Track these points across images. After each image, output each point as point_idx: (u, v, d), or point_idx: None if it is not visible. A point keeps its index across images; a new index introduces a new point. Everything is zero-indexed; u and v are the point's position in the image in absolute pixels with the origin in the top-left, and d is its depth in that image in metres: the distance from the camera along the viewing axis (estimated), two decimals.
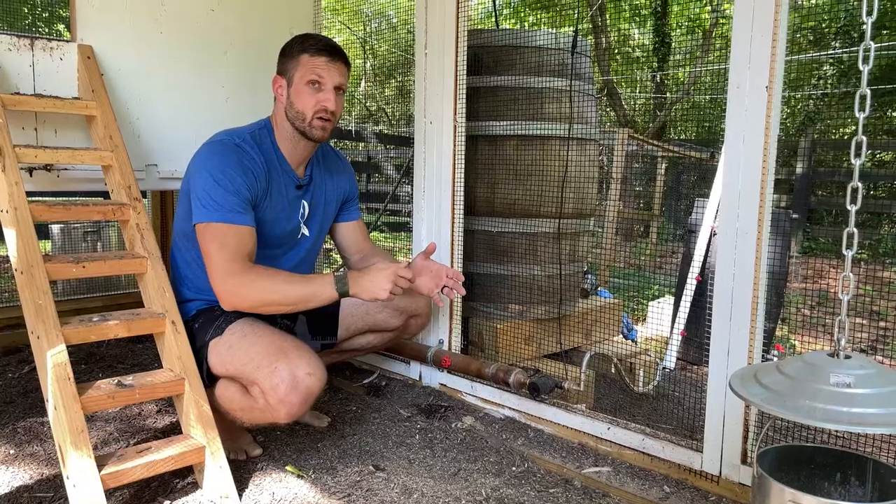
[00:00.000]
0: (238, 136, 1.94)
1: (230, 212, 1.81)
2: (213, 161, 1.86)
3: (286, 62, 1.95)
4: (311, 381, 1.73)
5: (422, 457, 1.99)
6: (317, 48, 1.92)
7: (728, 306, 1.74)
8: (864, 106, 1.14)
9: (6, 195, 1.79)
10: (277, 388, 1.70)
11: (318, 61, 1.91)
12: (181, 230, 2.00)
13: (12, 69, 2.10)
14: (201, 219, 1.82)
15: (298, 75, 1.91)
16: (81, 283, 3.69)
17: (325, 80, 1.91)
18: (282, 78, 1.96)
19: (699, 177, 7.07)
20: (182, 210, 1.97)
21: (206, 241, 1.81)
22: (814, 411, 1.06)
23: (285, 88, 1.95)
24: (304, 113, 1.92)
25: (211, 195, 1.81)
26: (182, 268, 2.02)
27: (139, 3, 2.36)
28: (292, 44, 1.96)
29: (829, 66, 8.99)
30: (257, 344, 1.79)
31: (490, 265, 2.63)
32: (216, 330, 1.88)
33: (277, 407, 1.72)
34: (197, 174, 1.86)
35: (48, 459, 1.93)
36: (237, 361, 1.80)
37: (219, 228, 1.80)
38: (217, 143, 1.91)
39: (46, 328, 1.64)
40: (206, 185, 1.82)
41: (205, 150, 1.91)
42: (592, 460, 1.99)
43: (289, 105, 1.94)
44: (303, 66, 1.91)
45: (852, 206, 1.16)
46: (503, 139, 2.56)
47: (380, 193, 8.89)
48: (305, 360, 1.74)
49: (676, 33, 10.52)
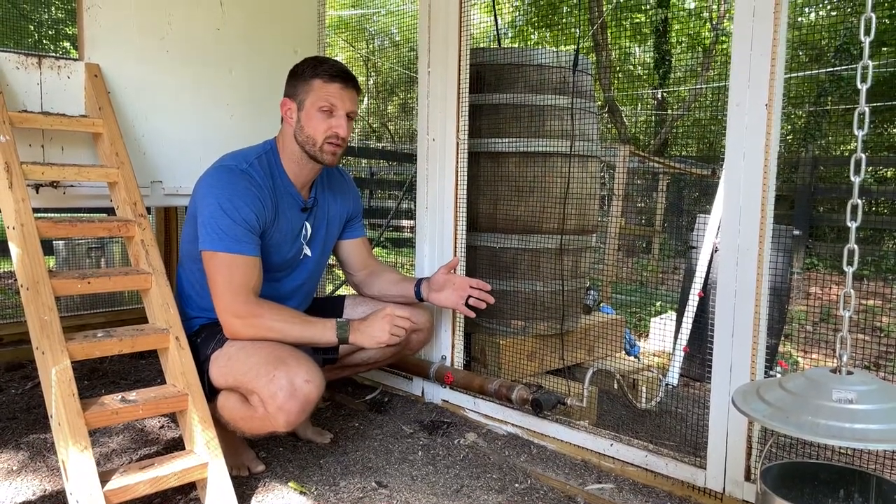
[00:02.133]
0: (245, 160, 1.93)
1: (236, 242, 1.82)
2: (220, 188, 1.85)
3: (297, 86, 1.94)
4: (309, 388, 1.73)
5: (424, 473, 1.99)
6: (330, 74, 1.92)
7: (730, 322, 1.74)
8: (864, 123, 1.16)
9: (13, 211, 1.81)
10: (276, 395, 1.71)
11: (331, 88, 1.91)
12: (187, 252, 2.01)
13: (20, 87, 2.13)
14: (207, 246, 1.83)
15: (310, 101, 1.92)
16: (85, 299, 3.70)
17: (338, 106, 1.92)
18: (291, 101, 1.96)
19: (701, 193, 7.08)
20: (188, 232, 1.98)
21: (213, 271, 1.83)
22: (817, 427, 1.06)
23: (295, 112, 1.95)
24: (314, 138, 1.92)
25: (218, 223, 1.82)
26: (186, 288, 2.04)
27: (146, 23, 2.39)
28: (304, 67, 1.95)
29: (828, 83, 9.03)
30: (256, 354, 1.80)
31: (493, 281, 2.63)
32: (217, 343, 1.90)
33: (276, 414, 1.72)
34: (204, 200, 1.86)
35: (51, 475, 1.93)
36: (236, 371, 1.81)
37: (224, 259, 1.82)
38: (224, 168, 1.91)
39: (51, 344, 1.65)
40: (212, 212, 1.83)
41: (212, 175, 1.91)
42: (595, 477, 1.98)
43: (298, 129, 1.94)
44: (315, 91, 1.91)
45: (853, 223, 1.17)
46: (505, 156, 2.58)
47: (382, 210, 8.91)
48: (304, 367, 1.75)
49: (677, 50, 10.59)
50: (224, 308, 1.83)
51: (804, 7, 8.81)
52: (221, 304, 1.84)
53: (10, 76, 2.11)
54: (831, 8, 8.94)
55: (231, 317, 1.83)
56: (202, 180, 1.92)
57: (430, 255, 2.54)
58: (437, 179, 2.50)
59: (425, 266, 2.56)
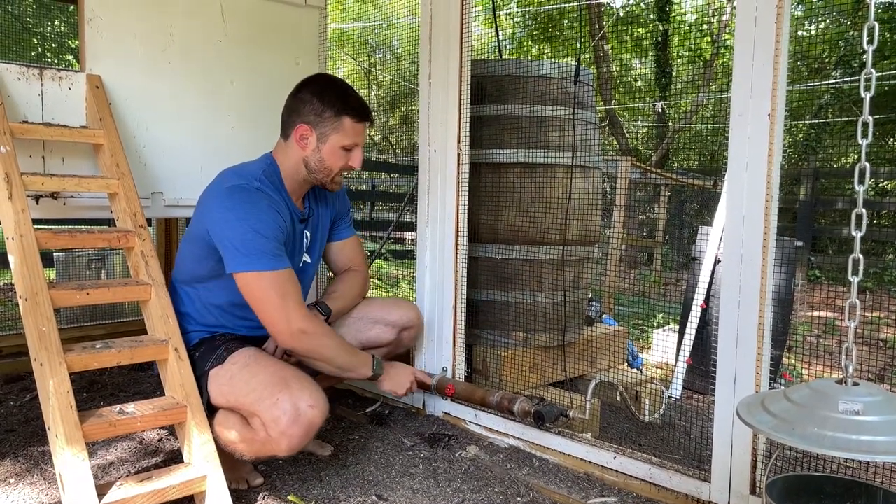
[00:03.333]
0: (253, 177, 1.89)
1: (275, 258, 1.81)
2: (244, 209, 1.81)
3: (324, 118, 1.90)
4: (314, 413, 1.71)
5: (425, 487, 1.97)
6: (359, 115, 1.93)
7: (734, 333, 1.73)
8: (867, 133, 1.15)
9: (12, 222, 1.80)
10: (279, 420, 1.69)
11: (358, 127, 1.94)
12: (190, 273, 1.97)
13: (21, 98, 2.13)
14: (245, 268, 1.78)
15: (337, 138, 1.92)
16: (84, 311, 3.69)
17: (358, 143, 1.96)
18: (311, 130, 1.92)
19: (702, 205, 7.08)
20: (194, 252, 1.93)
21: (262, 290, 1.79)
22: (823, 439, 1.05)
23: (314, 141, 1.92)
24: (331, 170, 1.95)
25: (255, 244, 1.78)
26: (186, 306, 1.99)
27: (148, 34, 2.39)
28: (331, 99, 1.90)
29: (829, 94, 9.06)
30: (259, 374, 1.78)
31: (494, 292, 2.62)
32: (217, 359, 1.87)
33: (279, 439, 1.70)
34: (226, 224, 1.81)
35: (48, 487, 1.91)
36: (238, 392, 1.79)
37: (272, 277, 1.79)
38: (238, 188, 1.85)
39: (49, 355, 1.64)
40: (243, 234, 1.78)
41: (227, 196, 1.84)
42: (598, 490, 1.96)
43: (316, 159, 1.93)
44: (344, 131, 1.92)
45: (857, 233, 1.16)
46: (507, 167, 2.57)
47: (383, 222, 8.92)
48: (308, 391, 1.73)
49: (678, 63, 10.63)
50: (285, 324, 1.80)
51: (804, 21, 8.85)
52: (281, 322, 1.80)
53: (12, 87, 2.11)
54: (831, 21, 8.98)
55: (295, 329, 1.81)
56: (214, 203, 1.86)
57: (432, 267, 2.53)
58: (439, 190, 2.49)
59: (426, 277, 2.55)
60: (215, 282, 1.93)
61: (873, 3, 1.15)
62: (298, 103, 1.94)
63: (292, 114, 1.95)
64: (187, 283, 2.00)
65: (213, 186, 1.93)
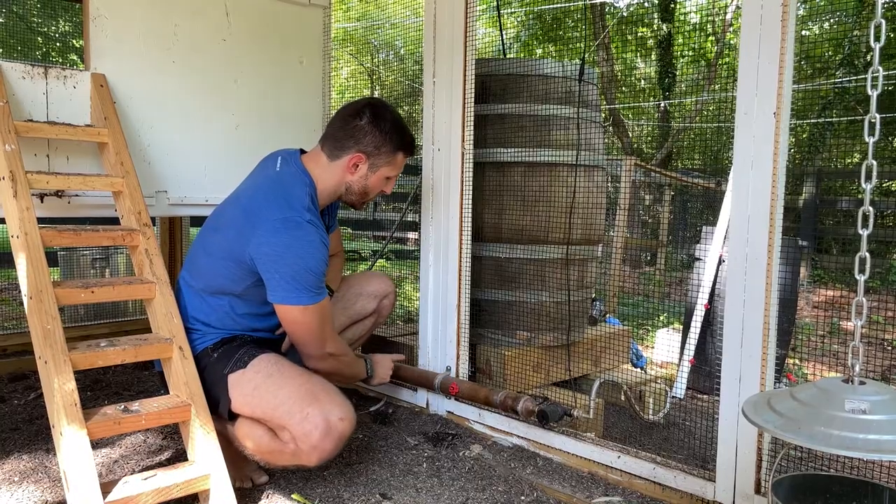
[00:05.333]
0: (301, 206, 1.85)
1: (319, 292, 1.85)
2: (299, 247, 1.79)
3: (381, 152, 1.95)
4: (344, 425, 1.74)
5: (429, 486, 1.97)
6: (411, 150, 2.03)
7: (739, 333, 1.72)
8: (874, 130, 1.14)
9: (17, 220, 1.80)
10: (311, 434, 1.70)
11: (404, 162, 2.03)
12: (220, 288, 1.93)
13: (26, 97, 2.13)
14: (292, 302, 1.80)
15: (387, 170, 2.00)
16: (89, 310, 3.70)
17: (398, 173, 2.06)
18: (367, 160, 1.95)
19: (706, 205, 7.07)
20: (230, 273, 1.88)
21: (306, 322, 1.84)
22: (829, 438, 1.04)
23: (365, 169, 1.96)
24: (370, 195, 2.02)
25: (303, 281, 1.79)
26: (208, 316, 1.95)
27: (152, 33, 2.40)
28: (391, 134, 1.95)
29: (834, 94, 9.04)
30: (285, 387, 1.77)
31: (498, 292, 2.62)
32: (237, 363, 1.84)
33: (310, 453, 1.72)
34: (278, 259, 1.78)
35: (53, 485, 1.91)
36: (266, 405, 1.77)
37: (316, 310, 1.84)
38: (291, 223, 1.80)
39: (54, 353, 1.64)
40: (295, 272, 1.78)
41: (280, 231, 1.79)
42: (602, 490, 1.96)
43: (361, 185, 1.98)
44: (396, 164, 2.00)
45: (864, 231, 1.15)
46: (511, 166, 2.57)
47: (387, 221, 8.92)
48: (338, 404, 1.75)
49: (681, 63, 10.62)
50: (319, 350, 1.92)
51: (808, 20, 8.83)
52: (316, 348, 1.92)
53: (16, 86, 2.11)
54: (835, 22, 8.97)
55: (325, 355, 1.94)
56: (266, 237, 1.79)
57: (435, 266, 2.53)
58: (443, 189, 2.49)
59: (430, 276, 2.55)
60: (248, 296, 1.93)
61: (880, 0, 1.14)
62: (357, 132, 1.93)
63: (349, 140, 1.94)
64: (213, 293, 1.94)
65: (257, 210, 1.85)
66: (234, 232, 1.87)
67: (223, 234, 1.92)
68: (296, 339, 1.91)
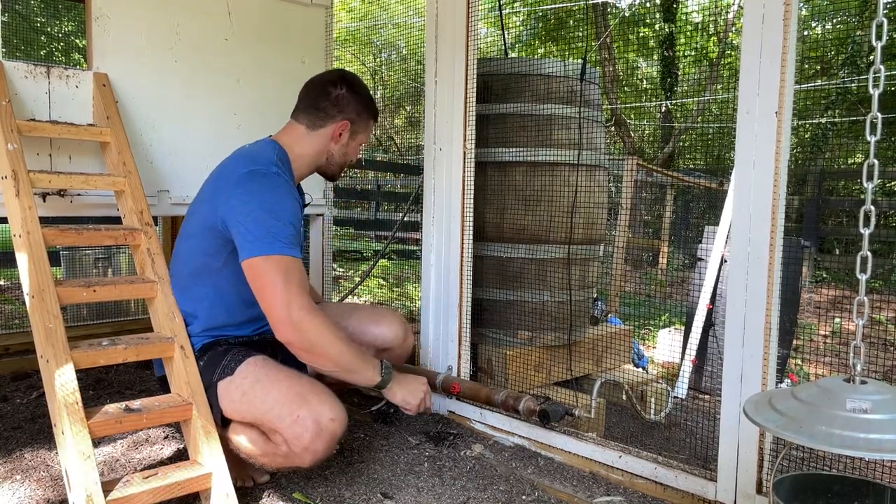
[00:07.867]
0: (268, 161, 1.87)
1: (288, 245, 1.76)
2: (263, 194, 1.79)
3: (361, 118, 2.06)
4: (335, 426, 1.71)
5: (430, 485, 1.97)
6: (377, 116, 2.15)
7: (741, 332, 1.72)
8: (876, 129, 1.14)
9: (19, 219, 1.81)
10: (301, 436, 1.69)
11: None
12: (202, 266, 1.91)
13: (28, 96, 2.14)
14: (256, 253, 1.72)
15: (363, 136, 2.10)
16: (90, 309, 3.70)
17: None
18: (350, 126, 2.03)
19: (708, 205, 7.07)
20: (205, 247, 1.89)
21: (267, 274, 1.72)
22: (831, 437, 1.04)
23: (346, 136, 2.04)
24: (347, 162, 2.10)
25: (270, 228, 1.74)
26: (194, 305, 1.93)
27: (155, 33, 2.40)
28: (366, 101, 2.06)
29: (836, 94, 9.03)
30: (273, 390, 1.75)
31: (499, 291, 2.62)
32: (224, 370, 1.82)
33: (302, 454, 1.71)
34: (244, 208, 1.77)
35: (54, 484, 1.91)
36: (255, 410, 1.76)
37: (281, 261, 1.73)
38: (256, 173, 1.82)
39: (56, 352, 1.64)
40: (259, 217, 1.75)
41: (245, 181, 1.81)
42: (604, 489, 1.96)
43: (342, 153, 2.06)
44: (369, 130, 2.12)
45: (866, 230, 1.15)
46: (512, 165, 2.57)
47: (388, 221, 8.92)
48: (327, 404, 1.72)
49: (683, 63, 10.61)
50: (285, 307, 1.70)
51: (810, 20, 8.82)
52: (281, 304, 1.70)
53: (19, 85, 2.12)
54: (838, 22, 8.95)
55: (294, 316, 1.70)
56: (233, 191, 1.80)
57: (437, 265, 2.53)
58: (444, 189, 2.49)
59: (432, 276, 2.55)
60: (231, 273, 1.87)
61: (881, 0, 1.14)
62: (340, 100, 2.00)
63: (332, 108, 1.99)
64: (197, 278, 1.93)
65: (225, 174, 1.89)
66: (207, 205, 1.90)
67: (199, 212, 1.95)
68: (260, 300, 1.75)
